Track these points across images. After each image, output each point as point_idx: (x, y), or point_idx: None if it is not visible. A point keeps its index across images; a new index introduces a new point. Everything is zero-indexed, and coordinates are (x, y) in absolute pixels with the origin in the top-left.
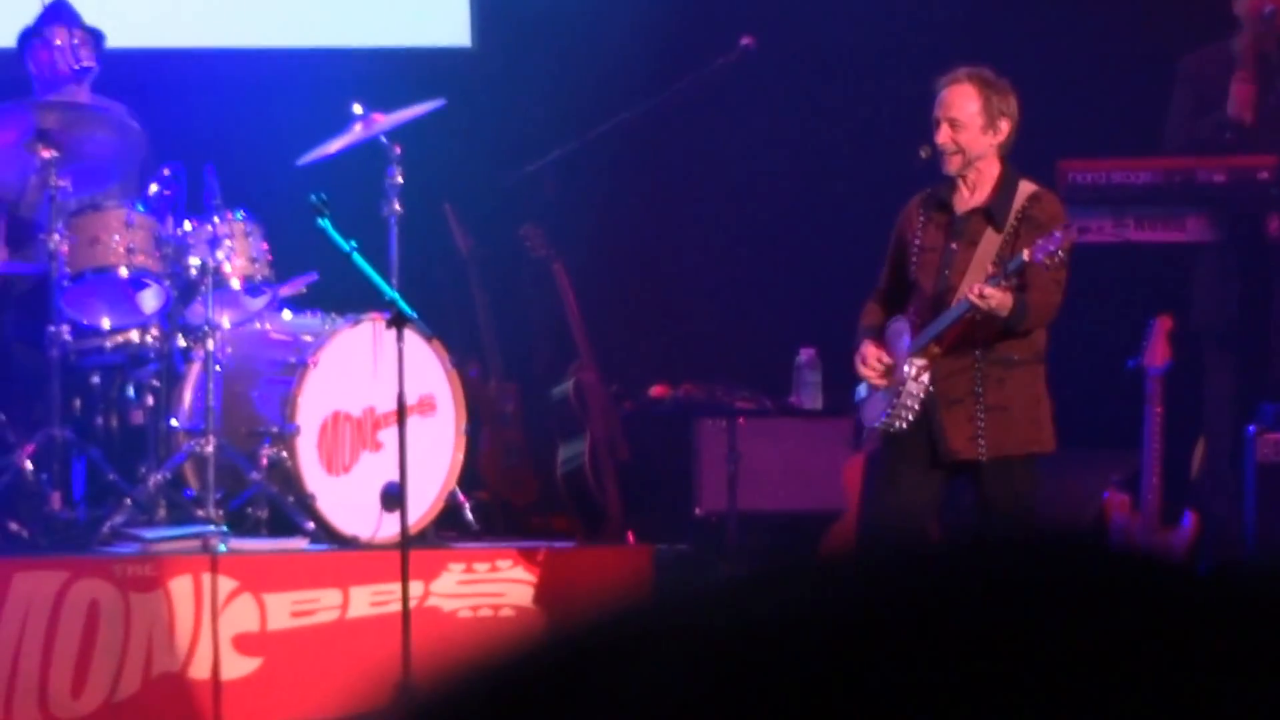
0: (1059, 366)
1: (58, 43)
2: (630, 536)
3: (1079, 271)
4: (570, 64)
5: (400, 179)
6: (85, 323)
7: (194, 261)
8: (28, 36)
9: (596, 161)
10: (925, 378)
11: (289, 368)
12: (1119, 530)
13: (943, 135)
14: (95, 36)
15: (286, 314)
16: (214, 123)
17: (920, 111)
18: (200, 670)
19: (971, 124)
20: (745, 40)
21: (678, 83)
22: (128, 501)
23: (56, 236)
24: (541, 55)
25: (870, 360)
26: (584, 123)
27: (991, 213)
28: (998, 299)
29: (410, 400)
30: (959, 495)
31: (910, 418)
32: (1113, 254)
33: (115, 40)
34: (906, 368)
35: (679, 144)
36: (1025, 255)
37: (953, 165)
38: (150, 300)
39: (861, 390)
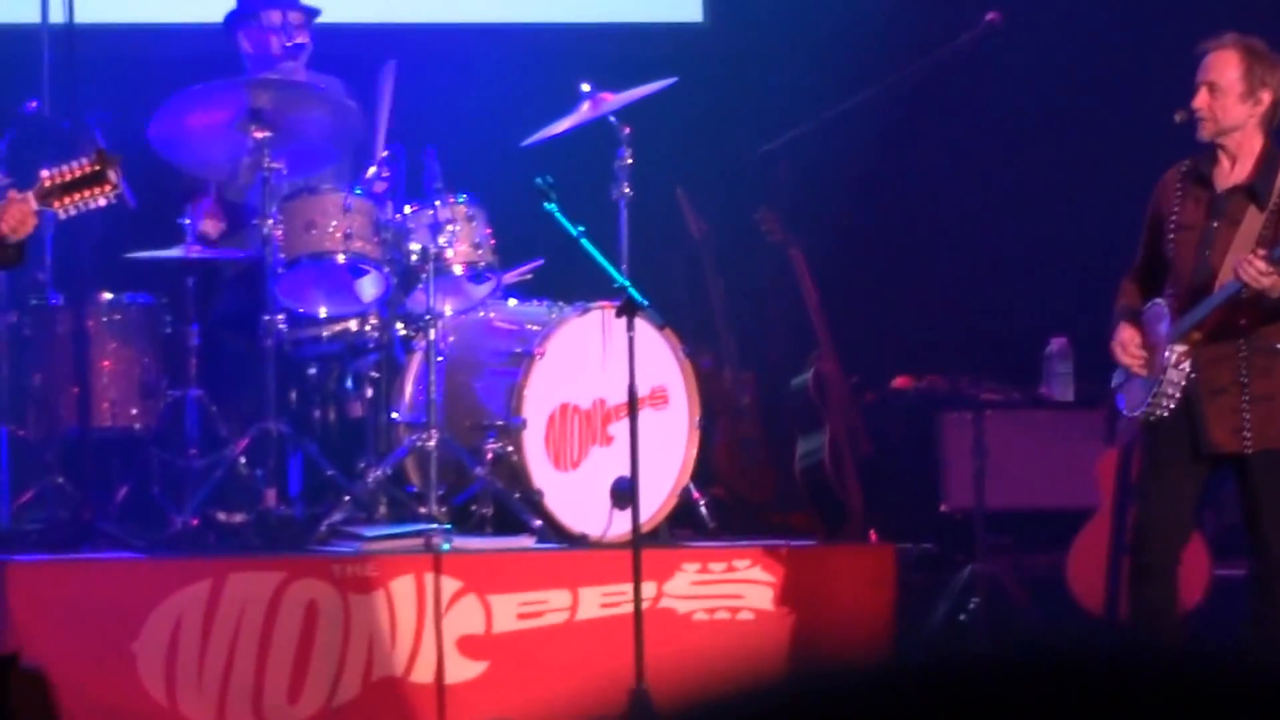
0: None
1: (270, 19)
2: (872, 535)
3: None
4: (807, 40)
5: (630, 160)
6: (301, 311)
7: (415, 247)
8: (238, 18)
9: (835, 142)
10: (1186, 365)
11: (514, 358)
12: None
13: (1200, 99)
14: (309, 13)
15: (512, 302)
16: (436, 103)
17: (1178, 83)
18: (423, 674)
19: (1230, 90)
20: (990, 16)
21: (919, 59)
22: (346, 498)
23: (270, 221)
24: (776, 30)
25: (1129, 346)
26: (821, 102)
27: (1254, 190)
28: (1272, 279)
29: (642, 392)
30: None
31: (1171, 406)
32: None
33: (332, 15)
34: (1166, 354)
35: (921, 123)
36: None
37: (1205, 131)
38: (369, 288)
39: (1119, 376)
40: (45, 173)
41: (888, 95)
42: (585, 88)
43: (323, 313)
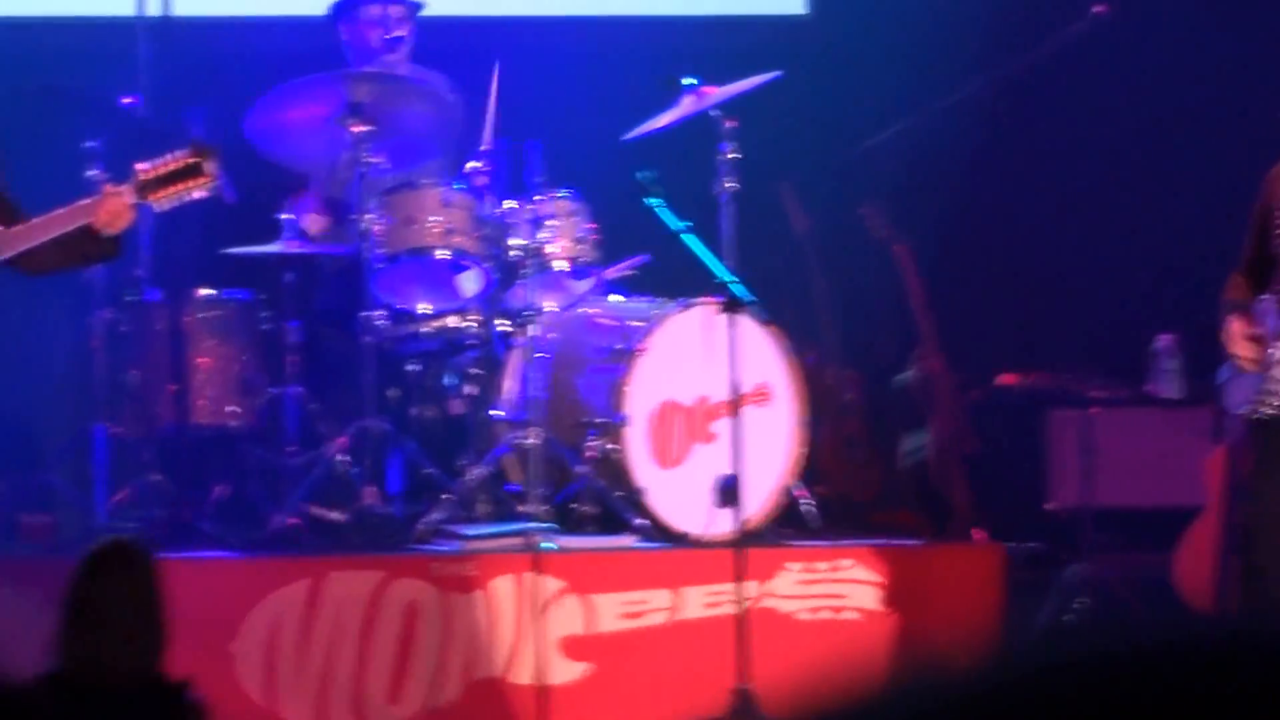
0: None
1: (371, 13)
2: (978, 534)
3: None
4: (912, 33)
5: (733, 155)
6: (401, 307)
7: (516, 243)
8: (341, 10)
9: (940, 137)
10: None
11: (617, 355)
12: None
13: None
14: (411, 7)
15: (614, 298)
16: (538, 97)
17: None
18: (524, 675)
19: None
20: (1097, 7)
21: (1025, 52)
22: (447, 497)
23: (369, 216)
24: (881, 23)
25: (1238, 340)
26: (927, 95)
27: None
28: None
29: (745, 389)
30: None
31: (1277, 403)
32: None
33: (436, 9)
34: (1273, 350)
35: (1027, 117)
36: None
37: None
38: (470, 283)
39: (1225, 372)
40: (140, 166)
41: (993, 88)
42: (688, 82)
43: (423, 309)
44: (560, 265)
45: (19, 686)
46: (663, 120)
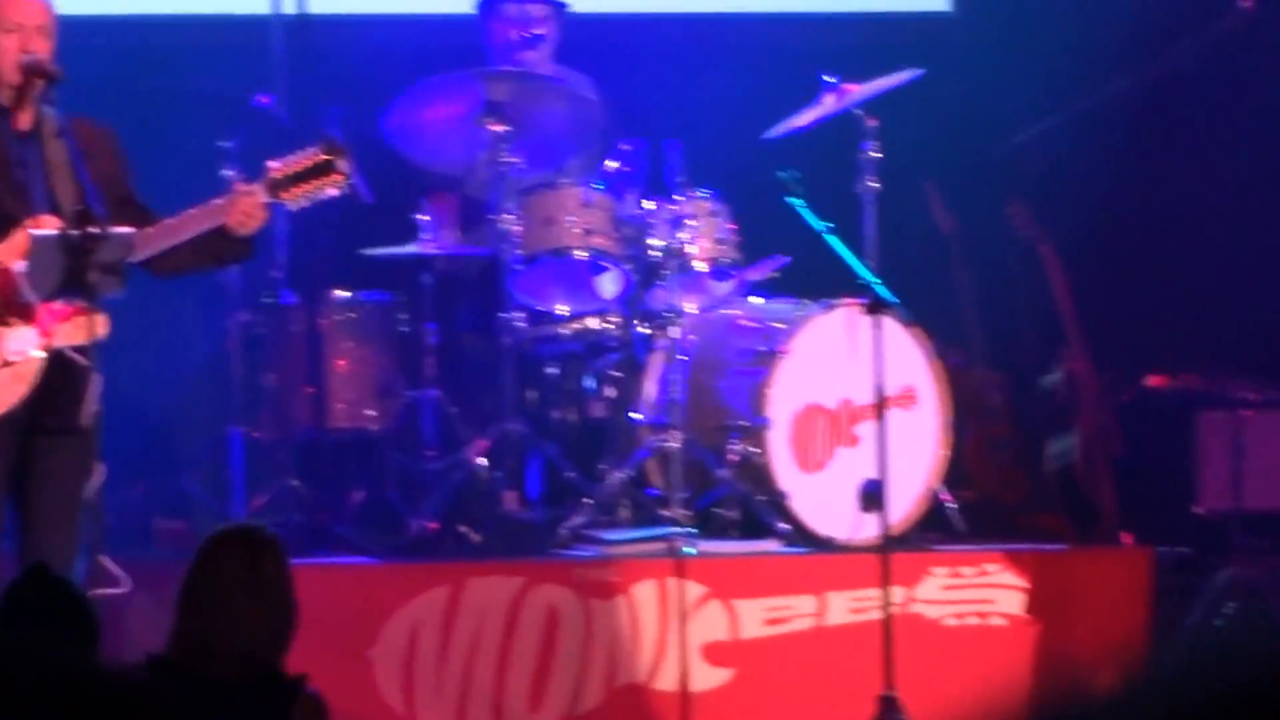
0: None
1: (510, 11)
2: (1126, 538)
3: None
4: (1056, 29)
5: (876, 154)
6: (540, 309)
7: (656, 243)
8: (484, 8)
9: (1086, 134)
10: None
11: (759, 357)
12: None
13: None
14: (555, 6)
15: (755, 299)
16: (677, 95)
17: None
18: (667, 682)
19: None
20: (1244, 2)
21: (1172, 49)
22: (587, 501)
23: (508, 217)
24: (1025, 20)
25: None
26: (1072, 93)
27: None
28: None
29: (890, 392)
30: None
31: None
32: None
33: (579, 6)
34: None
35: (1174, 114)
36: None
37: None
38: (609, 285)
39: None
40: (272, 164)
41: (1139, 85)
42: (830, 79)
43: (562, 310)
44: (700, 266)
45: (123, 669)
46: (804, 119)
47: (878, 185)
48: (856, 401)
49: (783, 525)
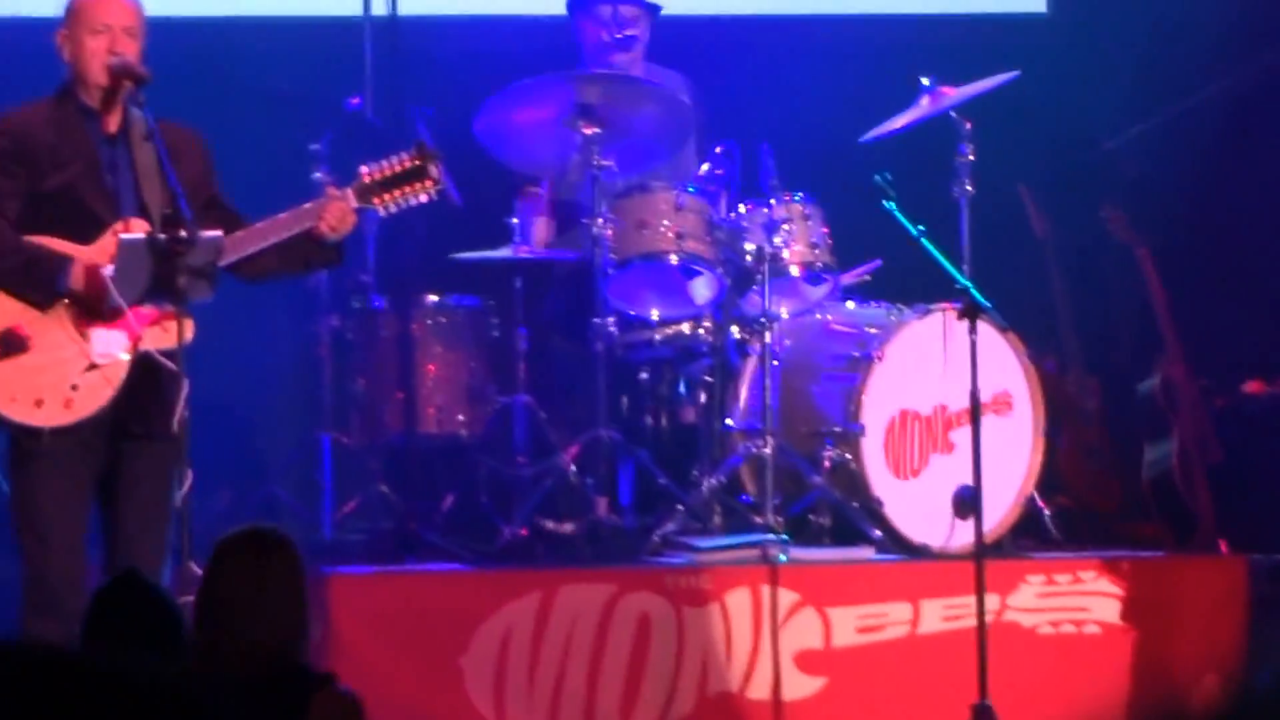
0: None
1: (602, 13)
2: (1223, 545)
3: None
4: (1153, 31)
5: (972, 157)
6: (632, 314)
7: (749, 248)
8: (575, 9)
9: (1183, 137)
10: None
11: (853, 362)
12: None
13: None
14: (648, 9)
15: (849, 304)
16: (770, 97)
17: None
18: (759, 690)
19: None
20: None
21: (1270, 51)
22: (680, 508)
23: (600, 221)
24: (1122, 22)
25: None
26: (1170, 95)
27: None
28: None
29: (984, 397)
30: None
31: None
32: None
33: (674, 8)
34: None
35: (1271, 116)
36: None
37: None
38: (702, 290)
39: None
40: (364, 169)
41: (1237, 88)
42: (925, 82)
43: (654, 315)
44: (795, 271)
45: (149, 672)
46: (899, 121)
47: (973, 189)
48: (951, 407)
49: (876, 532)
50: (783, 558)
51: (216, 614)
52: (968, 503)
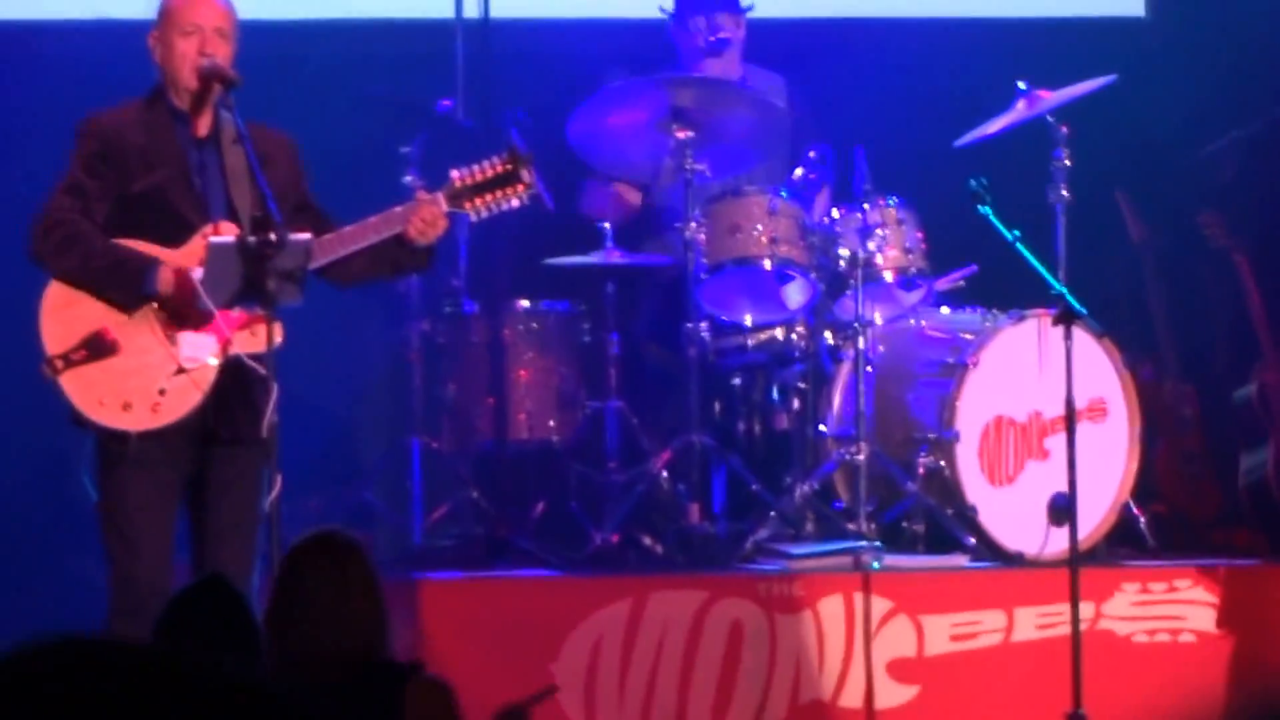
0: None
1: (696, 24)
2: None
3: None
4: (1253, 34)
5: (1068, 162)
6: (725, 319)
7: (843, 252)
8: (676, 12)
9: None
10: None
11: (947, 368)
12: None
13: None
14: (742, 11)
15: (944, 310)
16: (864, 101)
17: None
18: (852, 699)
19: None
20: None
21: None
22: (772, 514)
23: (693, 225)
24: (1221, 25)
25: None
26: (1268, 99)
27: None
28: None
29: (1080, 404)
30: None
31: None
32: None
33: (765, 10)
34: None
35: None
36: None
37: None
38: (796, 294)
39: None
40: (455, 173)
41: None
42: (1021, 85)
43: (747, 320)
44: (889, 276)
45: (239, 671)
46: (995, 126)
47: (1069, 194)
48: (1046, 414)
49: (970, 539)
50: (876, 565)
51: (295, 621)
52: (1062, 510)
